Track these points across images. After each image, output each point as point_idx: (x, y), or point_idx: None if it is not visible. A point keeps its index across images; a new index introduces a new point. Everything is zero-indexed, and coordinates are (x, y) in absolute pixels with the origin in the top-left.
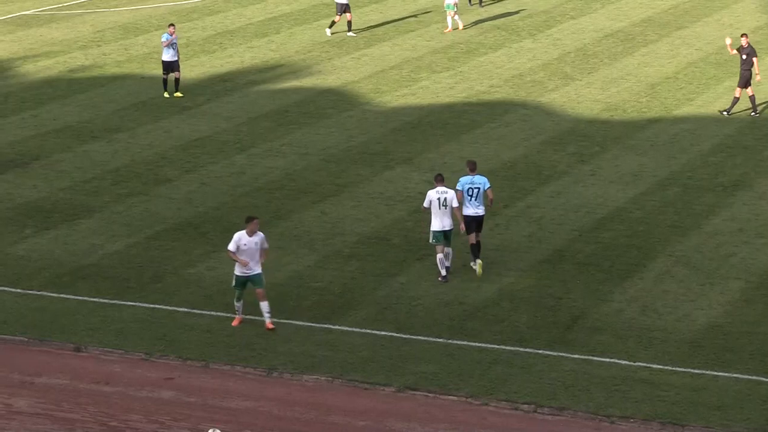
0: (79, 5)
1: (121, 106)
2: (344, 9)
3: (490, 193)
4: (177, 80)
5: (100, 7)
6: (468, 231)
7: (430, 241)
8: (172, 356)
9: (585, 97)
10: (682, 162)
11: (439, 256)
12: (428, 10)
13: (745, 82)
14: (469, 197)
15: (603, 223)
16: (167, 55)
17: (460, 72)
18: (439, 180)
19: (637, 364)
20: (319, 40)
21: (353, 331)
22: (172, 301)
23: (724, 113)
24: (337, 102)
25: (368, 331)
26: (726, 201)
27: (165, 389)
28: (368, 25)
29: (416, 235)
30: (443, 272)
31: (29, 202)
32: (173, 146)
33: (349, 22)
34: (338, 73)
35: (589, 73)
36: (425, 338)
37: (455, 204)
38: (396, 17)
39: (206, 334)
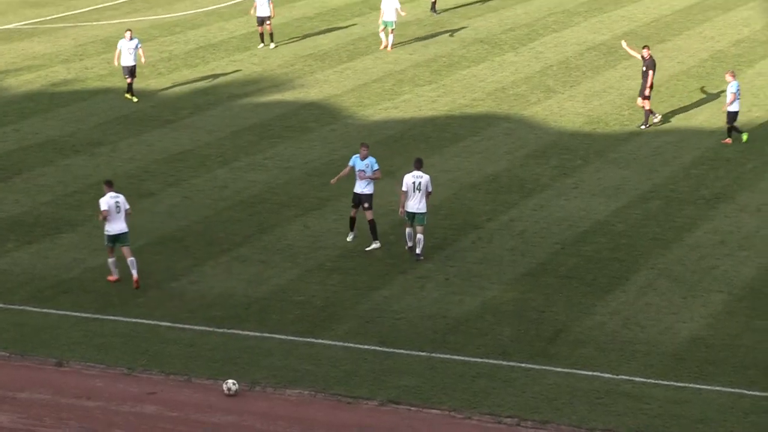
0: (61, 19)
1: (104, 119)
2: (263, 21)
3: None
4: (129, 85)
5: (81, 21)
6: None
7: (406, 218)
8: (154, 371)
9: (567, 110)
10: (665, 175)
11: (408, 230)
12: (410, 24)
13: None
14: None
15: (585, 237)
16: (125, 60)
17: (443, 85)
18: (418, 165)
19: (619, 377)
20: (302, 54)
21: (336, 345)
22: (155, 316)
23: (642, 126)
24: (319, 115)
25: (351, 344)
26: (708, 214)
27: (147, 404)
28: (351, 39)
29: (399, 249)
30: (410, 243)
31: (11, 216)
32: (155, 160)
33: (271, 34)
34: (321, 86)
35: (571, 87)
36: (408, 352)
37: (430, 189)
38: (378, 31)
39: (189, 348)
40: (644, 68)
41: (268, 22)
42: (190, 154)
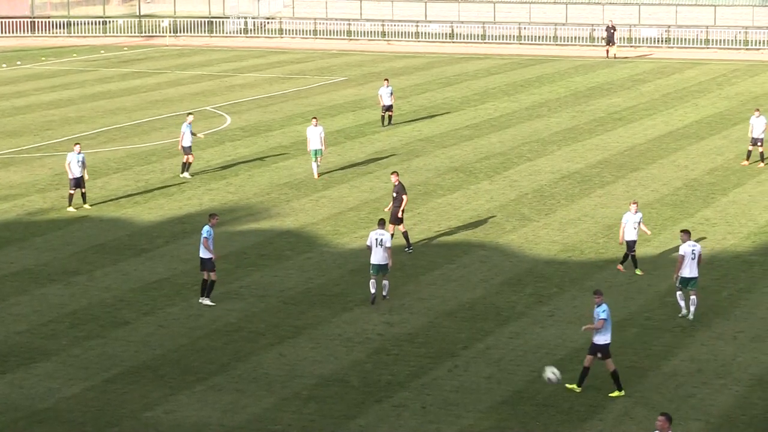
0: (38, 149)
1: (80, 248)
2: (188, 151)
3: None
4: (83, 194)
5: (58, 150)
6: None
7: (371, 271)
8: None
9: (542, 238)
10: (640, 303)
11: (372, 281)
12: (386, 152)
13: (395, 219)
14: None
15: (562, 364)
16: (74, 172)
17: (419, 213)
18: (381, 224)
19: None
20: (278, 182)
21: None
22: None
23: (408, 250)
24: (295, 244)
25: None
26: (684, 342)
27: None
28: (326, 168)
29: (375, 377)
30: (373, 291)
31: None
32: (131, 288)
33: (186, 164)
34: (296, 215)
35: (546, 215)
36: None
37: (388, 244)
38: (354, 160)
39: None
40: (395, 194)
41: (191, 153)
42: (166, 283)
